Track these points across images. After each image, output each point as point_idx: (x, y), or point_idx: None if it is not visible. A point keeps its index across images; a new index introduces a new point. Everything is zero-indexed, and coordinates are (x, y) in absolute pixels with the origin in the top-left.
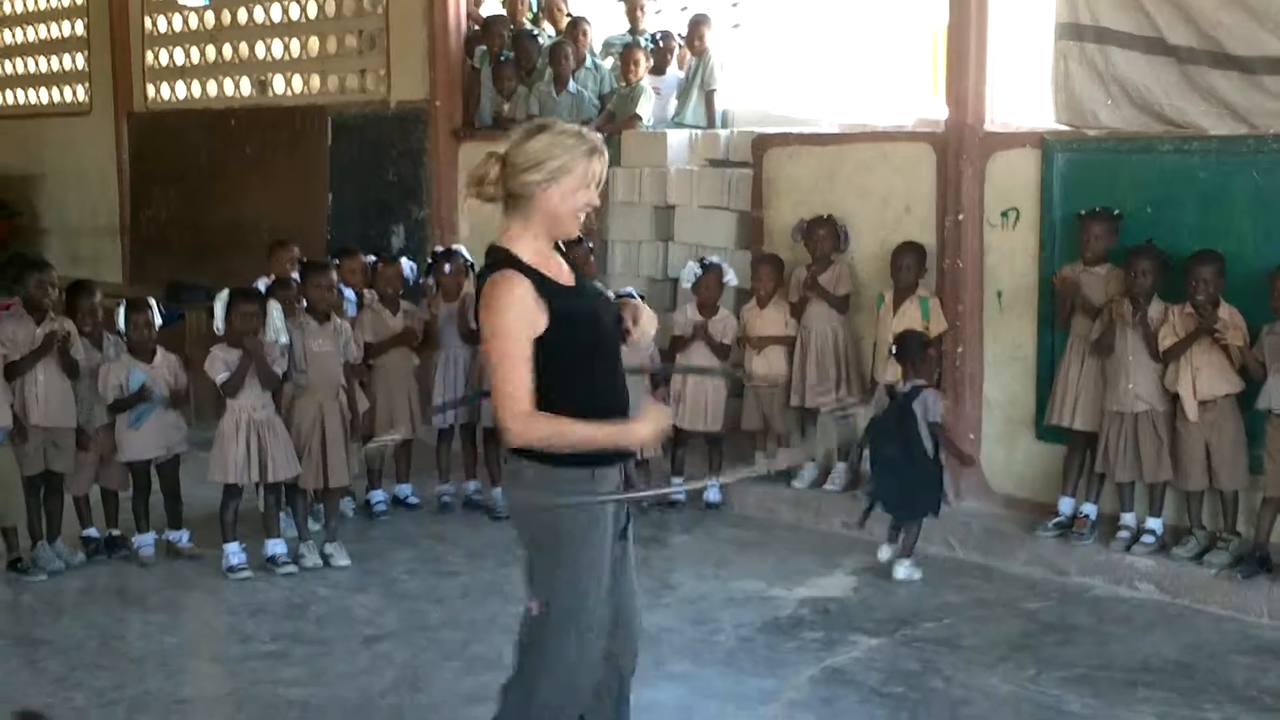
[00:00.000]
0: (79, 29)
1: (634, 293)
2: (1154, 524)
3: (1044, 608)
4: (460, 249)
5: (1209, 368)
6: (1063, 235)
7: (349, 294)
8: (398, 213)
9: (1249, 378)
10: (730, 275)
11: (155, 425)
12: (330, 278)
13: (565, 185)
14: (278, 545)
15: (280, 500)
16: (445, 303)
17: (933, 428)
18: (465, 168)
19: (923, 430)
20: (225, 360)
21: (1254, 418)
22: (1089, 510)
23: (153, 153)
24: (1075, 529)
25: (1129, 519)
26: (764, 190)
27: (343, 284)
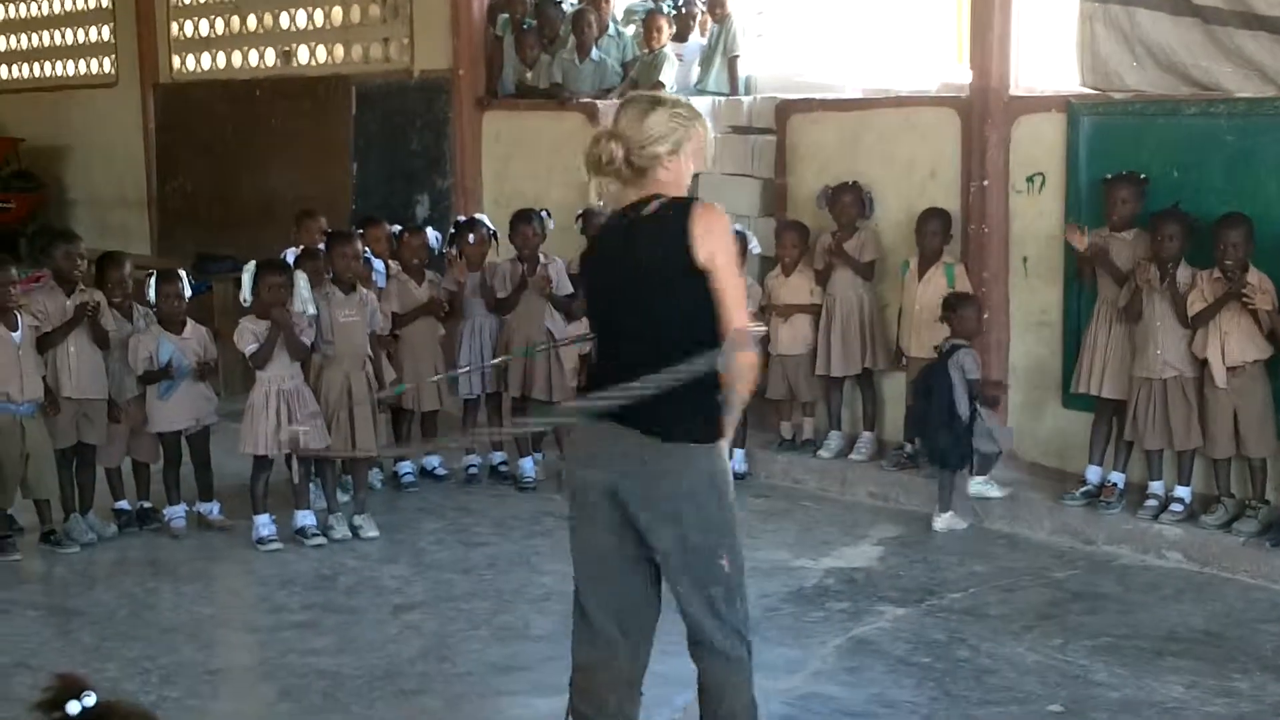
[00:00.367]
0: (104, 1)
1: None
2: (1182, 492)
3: (1071, 577)
4: (483, 218)
5: (1238, 333)
6: (1089, 200)
7: (377, 264)
8: (422, 182)
9: (1278, 343)
10: (754, 243)
11: (185, 397)
12: (356, 247)
13: (686, 153)
14: (307, 517)
15: (309, 471)
16: (470, 272)
17: (970, 386)
18: (488, 136)
19: (958, 389)
20: (254, 331)
21: None
22: (1116, 478)
23: (179, 124)
24: (1103, 497)
25: (1157, 487)
26: (788, 157)
27: (371, 254)
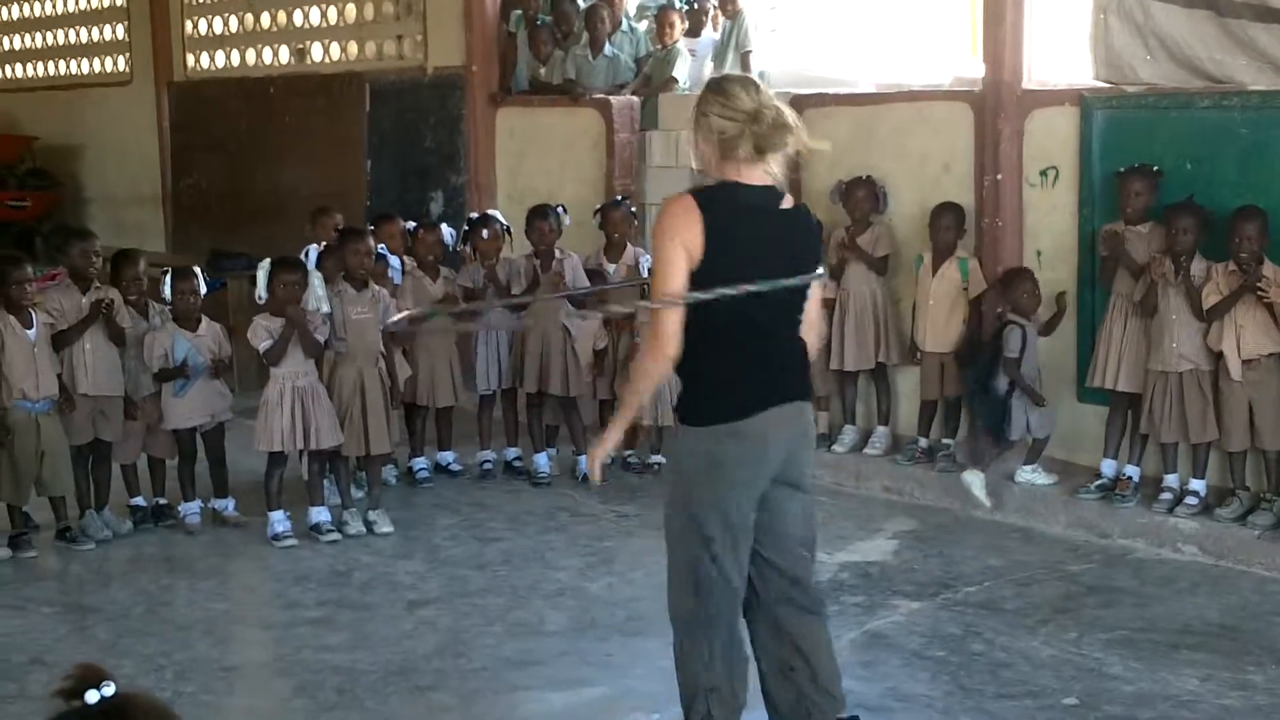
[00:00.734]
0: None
1: None
2: (1197, 485)
3: (1086, 570)
4: (496, 214)
5: (1253, 326)
6: (1102, 193)
7: (393, 261)
8: (436, 179)
9: None
10: None
11: (200, 393)
12: (368, 244)
13: None
14: (322, 513)
15: (324, 468)
16: (483, 268)
17: (1005, 365)
18: (502, 132)
19: (1003, 364)
20: (268, 329)
21: None
22: (1131, 472)
23: (193, 122)
24: (1118, 491)
25: (1172, 480)
26: (801, 151)
27: (386, 251)
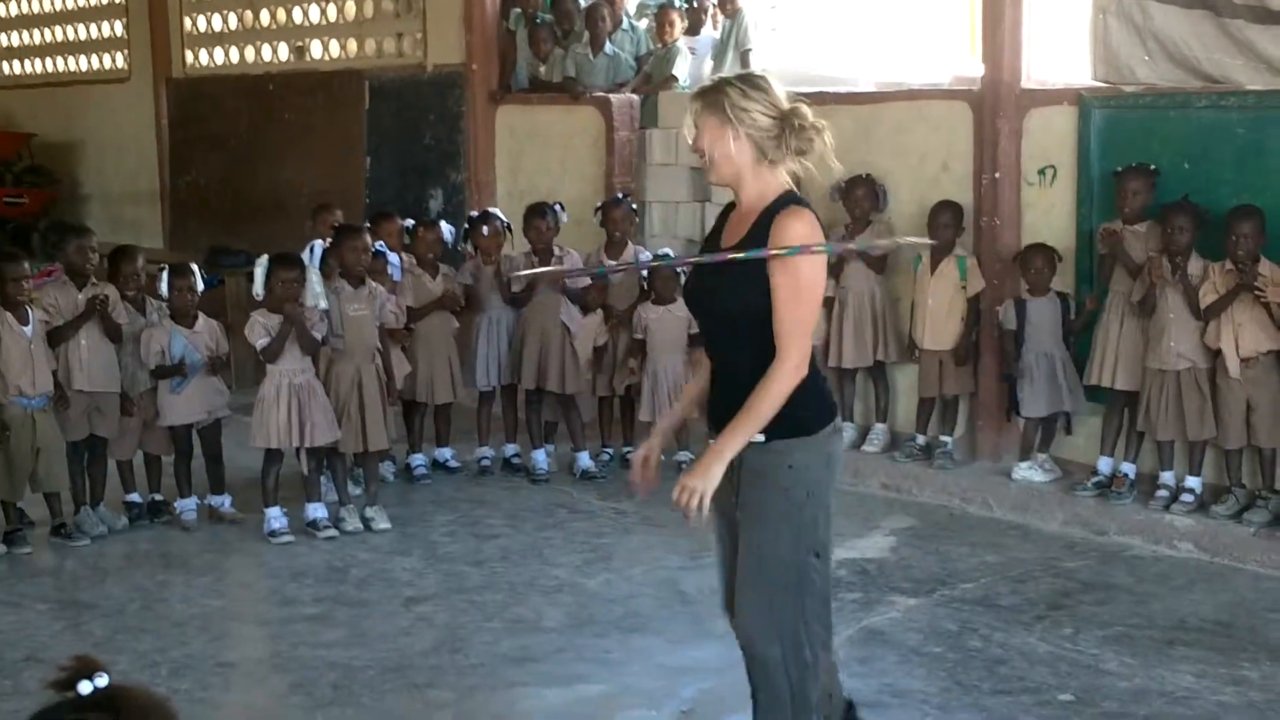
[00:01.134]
0: None
1: (670, 254)
2: (1193, 483)
3: (1082, 567)
4: (496, 211)
5: (1251, 324)
6: (1100, 192)
7: (393, 258)
8: (435, 176)
9: None
10: None
11: (196, 390)
12: (365, 241)
13: None
14: (318, 509)
15: (321, 464)
16: (485, 265)
17: (1002, 337)
18: (502, 130)
19: (1000, 337)
20: (265, 326)
21: None
22: (1128, 469)
23: (191, 118)
24: (1114, 488)
25: (1168, 478)
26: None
27: (387, 248)
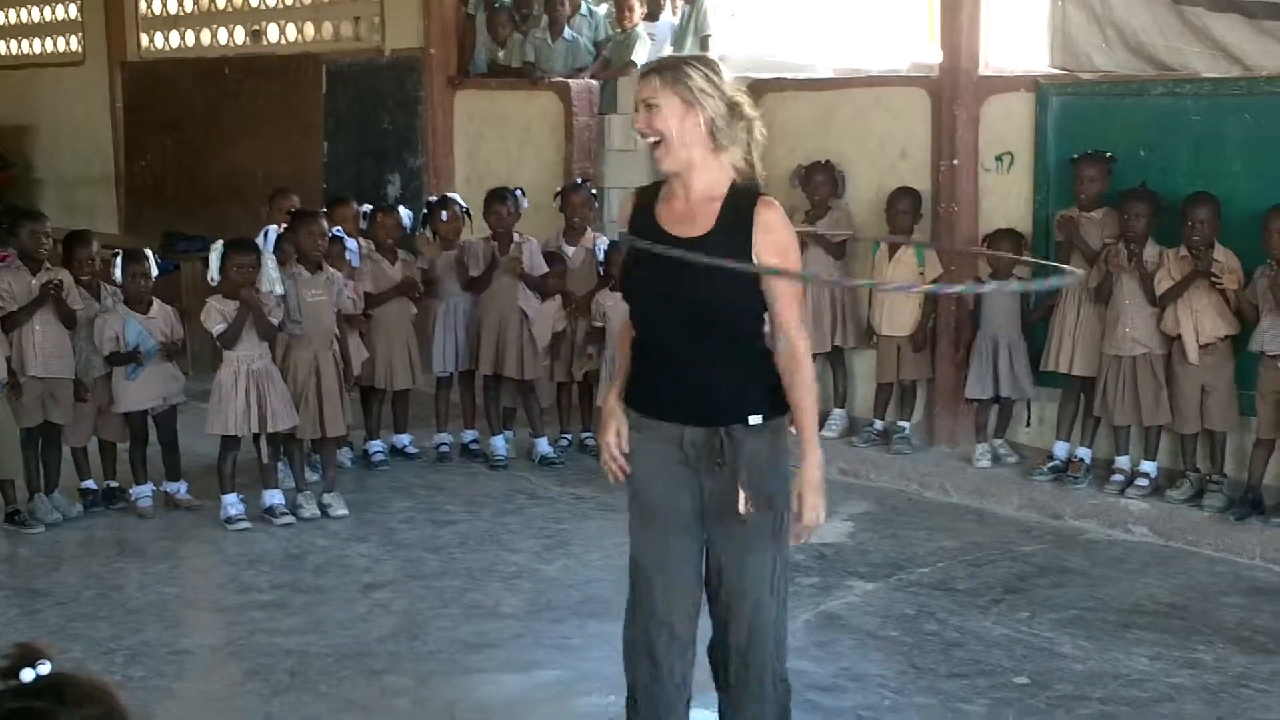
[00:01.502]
0: None
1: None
2: (1148, 467)
3: (1038, 551)
4: (455, 196)
5: (1209, 310)
6: (1057, 179)
7: (350, 243)
8: (393, 161)
9: (1244, 320)
10: None
11: (152, 376)
12: (321, 226)
13: None
14: (275, 496)
15: (278, 451)
16: (443, 250)
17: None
18: (460, 115)
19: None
20: (221, 311)
21: (1244, 360)
22: (1084, 454)
23: (147, 102)
24: (1070, 473)
25: (1123, 462)
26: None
27: (344, 234)
